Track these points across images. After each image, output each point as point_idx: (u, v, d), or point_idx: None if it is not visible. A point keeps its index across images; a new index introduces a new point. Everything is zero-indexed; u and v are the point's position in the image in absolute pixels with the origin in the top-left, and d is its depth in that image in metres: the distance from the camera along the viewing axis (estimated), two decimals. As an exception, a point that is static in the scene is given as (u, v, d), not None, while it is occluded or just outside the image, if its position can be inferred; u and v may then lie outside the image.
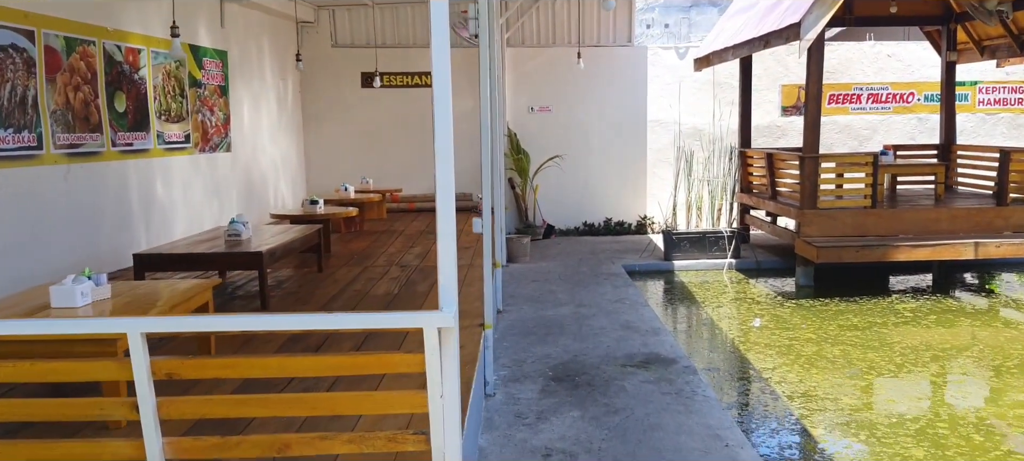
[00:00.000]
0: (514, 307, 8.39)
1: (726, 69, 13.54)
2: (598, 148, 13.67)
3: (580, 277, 9.95)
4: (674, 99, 13.65)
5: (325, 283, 7.38)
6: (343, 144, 13.58)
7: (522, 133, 13.57)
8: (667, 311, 9.10)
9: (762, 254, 11.15)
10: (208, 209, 10.04)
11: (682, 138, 13.55)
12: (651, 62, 13.64)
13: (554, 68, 13.54)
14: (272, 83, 12.24)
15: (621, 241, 12.91)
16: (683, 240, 10.81)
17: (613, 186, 13.72)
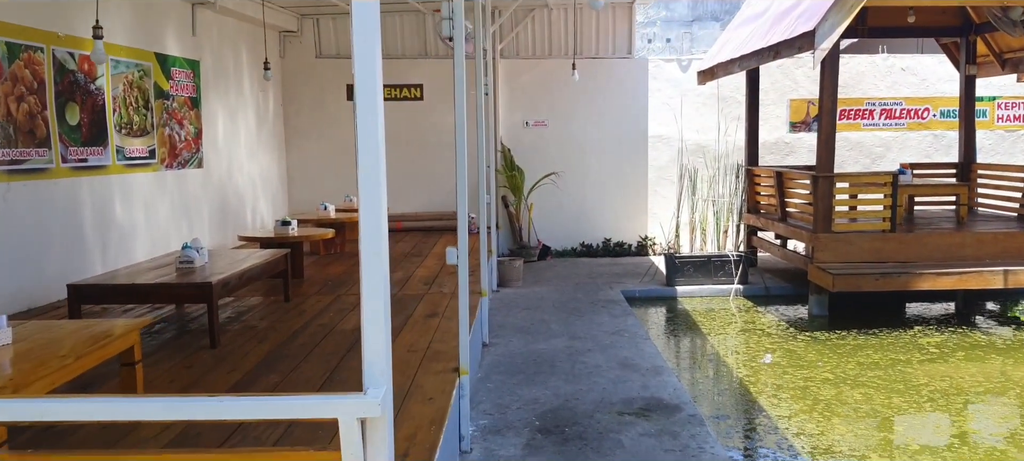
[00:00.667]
0: (502, 339, 7.66)
1: (731, 82, 12.85)
2: (596, 165, 12.97)
3: (576, 304, 9.21)
4: (676, 114, 12.96)
5: (290, 315, 6.65)
6: (328, 160, 12.88)
7: (516, 149, 12.87)
8: (670, 344, 8.36)
9: (771, 280, 10.42)
10: (175, 230, 9.32)
11: (685, 155, 12.84)
12: (652, 75, 12.95)
13: (550, 81, 12.85)
14: (251, 95, 11.55)
15: (620, 263, 12.18)
16: (687, 264, 10.09)
17: (612, 205, 13.01)
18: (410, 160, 12.79)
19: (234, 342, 5.79)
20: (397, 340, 5.76)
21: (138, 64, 8.72)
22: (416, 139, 12.75)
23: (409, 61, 12.75)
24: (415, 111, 12.77)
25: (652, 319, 9.35)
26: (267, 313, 6.73)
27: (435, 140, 12.64)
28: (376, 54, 2.07)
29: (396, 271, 8.88)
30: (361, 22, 2.04)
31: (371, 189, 2.10)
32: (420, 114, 12.73)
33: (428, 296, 7.43)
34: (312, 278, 8.42)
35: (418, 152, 12.75)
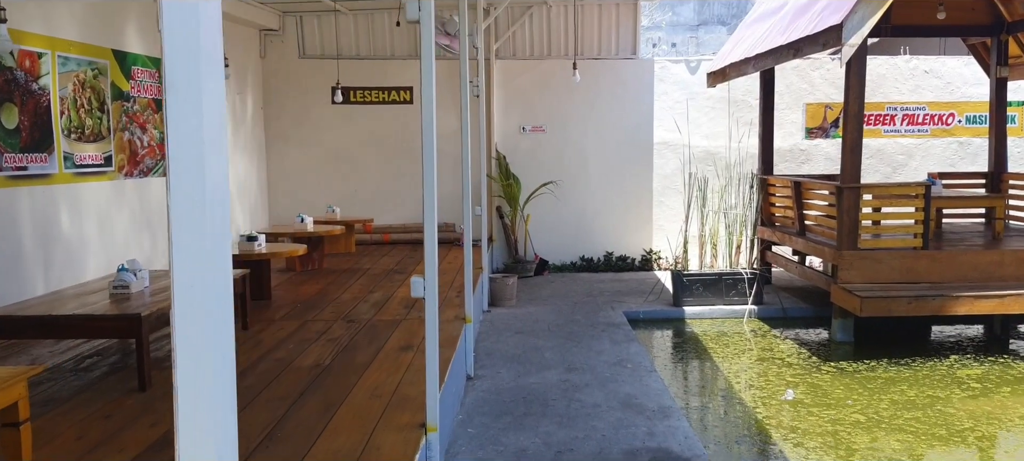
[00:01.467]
0: (490, 370, 6.81)
1: (743, 85, 12.01)
2: (598, 173, 12.12)
3: (573, 327, 8.36)
4: (684, 119, 12.11)
5: (244, 347, 5.81)
6: (311, 167, 12.06)
7: (512, 156, 12.03)
8: (678, 377, 7.49)
9: (788, 299, 9.55)
10: (136, 245, 8.49)
11: (693, 163, 11.99)
12: (658, 77, 12.11)
13: (549, 83, 12.02)
14: (227, 97, 10.71)
15: (623, 280, 11.32)
16: (695, 282, 9.23)
17: (614, 216, 12.16)
18: (398, 167, 11.96)
19: (169, 382, 4.93)
20: (360, 382, 4.91)
21: (92, 62, 7.89)
22: (405, 145, 11.92)
23: (399, 62, 11.92)
24: (405, 115, 11.94)
25: (658, 345, 8.50)
26: (219, 344, 5.89)
27: (425, 146, 11.76)
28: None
29: (375, 291, 8.04)
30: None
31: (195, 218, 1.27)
32: (410, 118, 11.91)
33: (405, 322, 6.59)
34: (281, 300, 7.59)
35: (407, 159, 11.92)
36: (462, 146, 6.59)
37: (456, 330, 6.28)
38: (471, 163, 11.22)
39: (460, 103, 11.29)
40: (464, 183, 6.61)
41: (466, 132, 6.51)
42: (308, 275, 9.01)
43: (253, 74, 11.65)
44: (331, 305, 7.29)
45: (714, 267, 9.45)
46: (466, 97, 6.56)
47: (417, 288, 3.96)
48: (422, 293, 3.97)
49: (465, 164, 6.57)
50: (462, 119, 6.58)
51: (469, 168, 6.56)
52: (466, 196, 6.62)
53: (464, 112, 6.51)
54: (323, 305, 7.31)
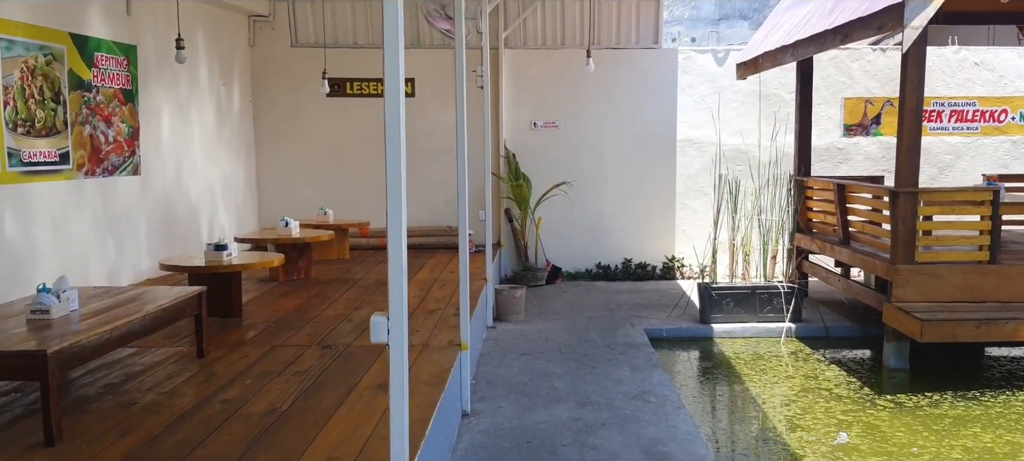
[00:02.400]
0: (489, 404, 5.84)
1: (776, 78, 10.97)
2: (615, 173, 11.12)
3: (588, 348, 7.38)
4: (711, 114, 11.09)
5: (193, 381, 4.86)
6: (305, 165, 11.12)
7: (522, 154, 11.05)
8: (710, 412, 6.48)
9: (830, 316, 8.51)
10: (99, 253, 7.58)
11: (722, 162, 10.97)
12: (682, 69, 11.09)
13: (562, 75, 11.02)
14: (209, 88, 9.80)
15: (643, 290, 10.32)
16: (726, 296, 8.22)
17: (633, 220, 11.15)
18: (398, 166, 10.98)
19: (89, 432, 4.00)
20: (320, 437, 3.94)
21: (43, 46, 6.97)
22: (408, 143, 10.92)
23: (398, 51, 10.95)
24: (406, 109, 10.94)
25: (684, 369, 7.49)
26: (164, 377, 4.94)
27: (428, 143, 10.85)
28: None
29: (362, 307, 7.08)
30: None
31: None
32: (410, 113, 10.88)
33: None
34: (253, 317, 6.64)
35: (410, 156, 10.89)
36: (458, 141, 5.62)
37: (449, 360, 5.31)
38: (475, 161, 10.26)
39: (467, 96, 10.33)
40: (460, 184, 5.64)
41: (461, 125, 5.55)
42: (292, 286, 8.07)
43: (241, 64, 10.72)
44: (309, 325, 6.33)
45: (747, 279, 8.42)
46: (462, 86, 5.59)
47: (378, 331, 2.99)
48: (385, 338, 3.00)
49: (461, 163, 5.60)
50: (458, 111, 5.61)
51: (465, 167, 5.59)
52: (462, 198, 5.66)
53: (459, 103, 5.55)
54: (300, 324, 6.36)
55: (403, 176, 3.01)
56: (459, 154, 5.57)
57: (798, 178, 9.44)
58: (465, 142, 5.56)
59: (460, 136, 5.52)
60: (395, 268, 3.03)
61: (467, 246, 5.73)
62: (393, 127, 2.92)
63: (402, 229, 3.03)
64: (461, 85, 5.52)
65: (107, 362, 5.22)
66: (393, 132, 2.94)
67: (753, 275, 8.52)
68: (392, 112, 2.92)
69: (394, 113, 2.93)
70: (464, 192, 5.61)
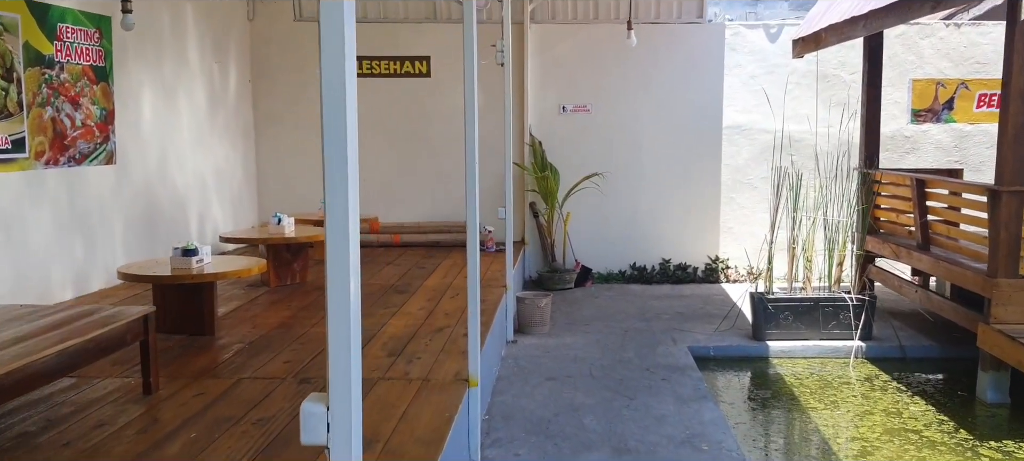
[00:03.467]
0: (504, 449, 4.78)
1: (835, 56, 9.76)
2: (653, 163, 9.98)
3: (624, 371, 6.29)
4: (762, 96, 9.89)
5: (129, 430, 3.84)
6: (310, 153, 10.07)
7: (549, 142, 9.94)
8: (772, 458, 5.36)
9: (906, 334, 7.32)
10: (63, 255, 6.61)
11: (776, 152, 9.79)
12: (730, 46, 9.90)
13: (594, 53, 9.88)
14: (200, 67, 8.78)
15: (684, 296, 9.19)
16: (784, 309, 7.07)
17: (673, 216, 10.01)
18: (413, 154, 9.96)
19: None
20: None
21: (-9, 15, 5.99)
22: (421, 127, 9.90)
23: (412, 26, 9.89)
24: (420, 91, 9.91)
25: (737, 399, 6.36)
26: (92, 425, 3.92)
27: (444, 129, 9.79)
28: None
29: (364, 318, 6.03)
30: None
31: None
32: (426, 94, 9.87)
33: (381, 387, 4.55)
34: (229, 334, 5.62)
35: (423, 144, 9.90)
36: (466, 129, 4.54)
37: (453, 402, 4.24)
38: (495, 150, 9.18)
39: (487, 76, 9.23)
40: (469, 178, 4.55)
41: (471, 109, 4.47)
42: (283, 293, 7.05)
43: (238, 40, 9.70)
44: (291, 347, 5.30)
45: (807, 289, 7.26)
46: (473, 62, 4.50)
47: (312, 428, 1.92)
48: (323, 439, 1.93)
49: (470, 153, 4.52)
50: (466, 93, 4.53)
51: (475, 157, 4.52)
52: (470, 195, 4.57)
53: (468, 83, 4.46)
54: (281, 346, 5.32)
55: (351, 159, 1.94)
56: (468, 140, 4.48)
57: (863, 171, 8.23)
58: (475, 126, 4.48)
59: (469, 119, 4.43)
60: (339, 322, 1.97)
61: (478, 256, 4.64)
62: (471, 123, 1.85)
63: (350, 259, 1.96)
64: (471, 57, 4.43)
65: (33, 399, 4.21)
66: (330, 109, 1.85)
67: (816, 283, 7.35)
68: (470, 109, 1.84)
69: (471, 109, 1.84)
70: (474, 187, 4.53)
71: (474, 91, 4.40)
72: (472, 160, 4.45)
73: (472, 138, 4.43)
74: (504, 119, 7.11)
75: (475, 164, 4.46)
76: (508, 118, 7.09)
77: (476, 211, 4.50)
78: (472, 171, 4.45)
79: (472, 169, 4.45)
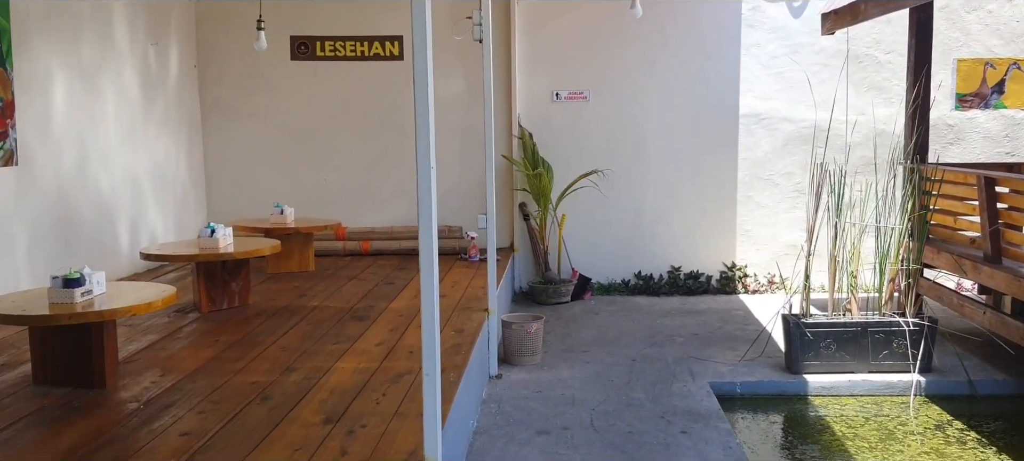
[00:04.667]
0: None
1: (868, 33, 8.52)
2: (661, 158, 8.72)
3: (633, 418, 5.05)
4: (784, 80, 8.64)
5: None
6: (264, 149, 8.82)
7: (542, 134, 8.67)
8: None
9: (972, 363, 6.07)
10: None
11: (795, 144, 8.57)
12: (747, 22, 8.63)
13: (593, 31, 8.62)
14: (130, 50, 7.49)
15: (697, 310, 7.95)
16: (825, 336, 5.82)
17: (683, 218, 8.76)
18: (385, 149, 8.69)
19: None
20: None
21: None
22: (394, 118, 8.62)
23: (382, 3, 8.58)
24: (392, 76, 8.63)
25: (775, 457, 5.11)
26: None
27: (419, 120, 8.48)
28: None
29: (299, 364, 4.79)
30: None
31: None
32: (399, 80, 8.58)
33: (330, 444, 3.29)
34: (131, 383, 4.35)
35: (396, 137, 8.62)
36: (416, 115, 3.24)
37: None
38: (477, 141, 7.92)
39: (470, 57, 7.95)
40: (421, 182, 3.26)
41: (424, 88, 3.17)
42: (215, 321, 5.78)
43: (180, 18, 8.40)
44: (200, 407, 4.03)
45: (853, 310, 5.99)
46: (424, 22, 3.22)
47: None
48: None
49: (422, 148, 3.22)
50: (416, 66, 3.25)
51: (431, 153, 3.20)
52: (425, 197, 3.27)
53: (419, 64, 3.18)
54: (190, 403, 4.06)
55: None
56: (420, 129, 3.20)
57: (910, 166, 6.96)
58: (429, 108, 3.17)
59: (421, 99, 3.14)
60: None
61: (436, 291, 3.36)
62: None
63: None
64: (422, 16, 3.16)
65: None
66: None
67: (859, 299, 6.09)
68: None
69: None
70: (429, 193, 3.22)
71: (427, 60, 3.13)
72: (427, 151, 3.17)
73: (425, 128, 3.15)
74: (485, 107, 5.83)
75: (430, 159, 3.18)
76: (489, 106, 5.81)
77: (433, 233, 3.22)
78: (426, 171, 3.17)
79: (425, 169, 3.17)
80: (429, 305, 3.27)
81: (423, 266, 3.22)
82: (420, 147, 3.16)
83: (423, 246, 3.21)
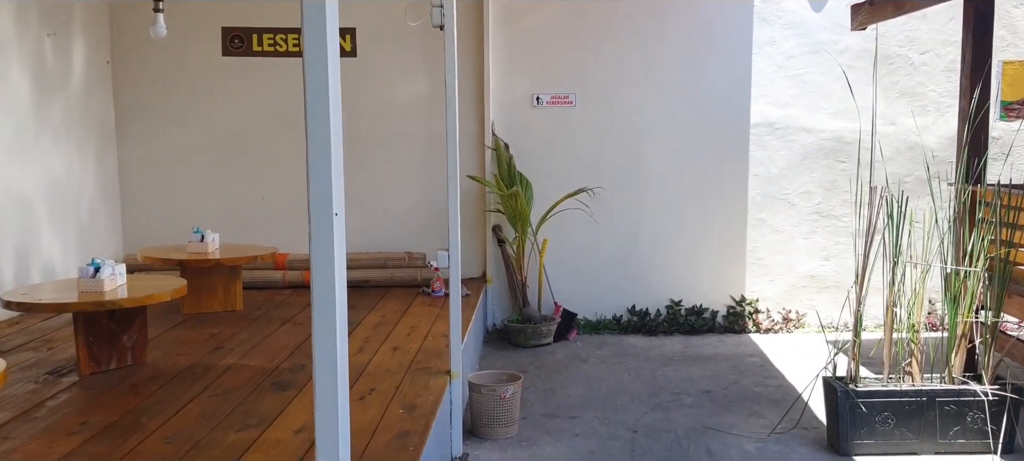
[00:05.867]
0: None
1: (900, 30, 7.34)
2: (659, 174, 7.46)
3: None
4: (800, 85, 7.42)
5: None
6: (191, 160, 7.45)
7: (520, 145, 7.39)
8: None
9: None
10: None
11: (814, 158, 7.37)
12: (761, 17, 7.40)
13: (580, 25, 7.35)
14: (21, 40, 6.11)
15: (705, 356, 6.68)
16: (880, 407, 4.56)
17: (685, 244, 7.51)
18: (332, 162, 7.30)
19: None
20: None
21: None
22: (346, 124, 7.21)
23: (332, -12, 7.25)
24: (343, 75, 7.23)
25: None
26: None
27: (379, 128, 7.25)
28: None
29: (203, 454, 3.46)
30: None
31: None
32: (351, 80, 7.27)
33: None
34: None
35: (349, 146, 7.22)
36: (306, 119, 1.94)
37: None
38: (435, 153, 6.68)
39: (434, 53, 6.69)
40: (314, 237, 1.95)
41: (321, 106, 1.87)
42: (97, 388, 4.43)
43: (87, 5, 7.03)
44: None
45: (914, 376, 4.73)
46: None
47: None
48: None
49: (316, 187, 1.91)
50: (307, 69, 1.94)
51: (333, 193, 1.92)
52: (321, 275, 1.96)
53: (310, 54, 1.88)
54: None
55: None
56: (308, 147, 1.90)
57: (971, 186, 5.72)
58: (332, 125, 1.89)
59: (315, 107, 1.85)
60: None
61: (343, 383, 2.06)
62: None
63: None
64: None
65: None
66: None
67: (922, 361, 4.83)
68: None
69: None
70: (330, 246, 2.09)
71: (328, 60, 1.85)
72: (325, 200, 1.88)
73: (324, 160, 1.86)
74: (447, 110, 4.54)
75: (332, 201, 1.89)
76: (452, 109, 4.53)
77: (335, 288, 1.92)
78: (325, 220, 1.88)
79: (325, 216, 1.88)
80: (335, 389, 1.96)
81: (318, 381, 1.92)
82: (314, 187, 1.88)
83: (319, 342, 1.90)
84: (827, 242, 7.49)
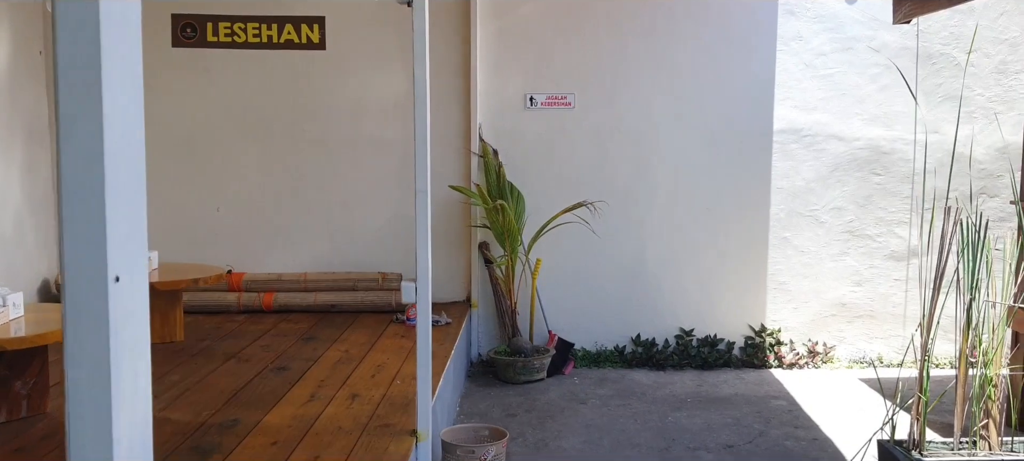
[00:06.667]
0: None
1: (945, 25, 6.48)
2: (669, 186, 6.56)
3: None
4: (830, 87, 6.54)
5: None
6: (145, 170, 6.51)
7: (510, 152, 6.49)
8: None
9: None
10: None
11: (856, 168, 6.48)
12: (787, 8, 6.51)
13: (580, 16, 6.47)
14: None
15: (722, 396, 5.78)
16: (947, 478, 3.66)
17: (697, 266, 6.61)
18: (299, 168, 6.47)
19: None
20: None
21: None
22: (311, 127, 6.42)
23: (298, -29, 6.38)
24: (310, 70, 6.41)
25: None
26: None
27: (347, 129, 6.36)
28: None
29: None
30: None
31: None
32: (320, 76, 6.39)
33: None
34: None
35: (315, 152, 6.41)
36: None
37: None
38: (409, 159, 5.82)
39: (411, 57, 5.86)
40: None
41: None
42: (11, 433, 3.53)
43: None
44: None
45: (989, 440, 3.82)
46: None
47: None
48: None
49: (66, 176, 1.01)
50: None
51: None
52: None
53: None
54: None
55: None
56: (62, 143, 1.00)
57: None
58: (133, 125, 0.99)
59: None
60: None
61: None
62: None
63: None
64: None
65: None
66: None
67: (999, 419, 3.93)
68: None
69: None
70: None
71: None
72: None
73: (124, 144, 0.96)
74: (415, 105, 3.65)
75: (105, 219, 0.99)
76: (421, 105, 3.65)
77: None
78: (90, 252, 0.98)
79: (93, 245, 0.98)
80: None
81: None
82: (69, 237, 0.96)
83: None
84: (860, 265, 6.60)
